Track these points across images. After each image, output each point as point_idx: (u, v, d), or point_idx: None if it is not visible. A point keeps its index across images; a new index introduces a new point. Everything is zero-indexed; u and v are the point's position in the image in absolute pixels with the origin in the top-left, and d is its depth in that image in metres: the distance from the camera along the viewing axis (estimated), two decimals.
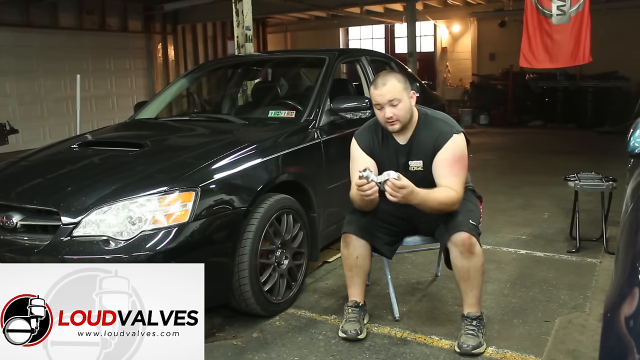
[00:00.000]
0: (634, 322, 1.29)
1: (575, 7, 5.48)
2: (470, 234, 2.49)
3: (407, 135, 2.66)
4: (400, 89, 2.54)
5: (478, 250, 2.51)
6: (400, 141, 2.67)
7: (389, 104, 2.54)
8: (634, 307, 1.32)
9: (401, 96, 2.54)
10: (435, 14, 12.76)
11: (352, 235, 2.66)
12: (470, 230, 2.50)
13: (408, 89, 2.59)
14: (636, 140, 2.44)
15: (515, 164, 7.27)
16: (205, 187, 2.62)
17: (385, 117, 2.56)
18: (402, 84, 2.56)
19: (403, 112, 2.55)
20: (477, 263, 2.52)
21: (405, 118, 2.58)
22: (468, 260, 2.49)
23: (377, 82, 2.58)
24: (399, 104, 2.54)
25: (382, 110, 2.56)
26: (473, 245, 2.49)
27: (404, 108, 2.55)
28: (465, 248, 2.48)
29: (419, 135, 2.64)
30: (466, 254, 2.49)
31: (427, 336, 2.70)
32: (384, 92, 2.54)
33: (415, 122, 2.65)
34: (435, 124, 2.64)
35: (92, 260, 2.39)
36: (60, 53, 9.59)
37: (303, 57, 4.65)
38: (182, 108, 5.52)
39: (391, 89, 2.53)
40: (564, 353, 2.47)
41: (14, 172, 3.13)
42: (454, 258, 2.53)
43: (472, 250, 2.48)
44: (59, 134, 8.44)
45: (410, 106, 2.59)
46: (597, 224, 4.00)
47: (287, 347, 2.64)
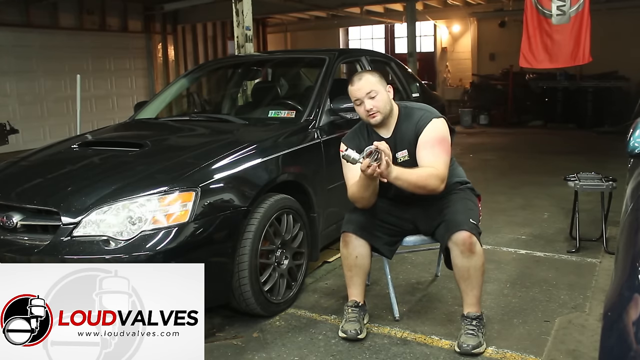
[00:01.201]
0: (634, 322, 1.29)
1: (575, 7, 5.48)
2: (470, 233, 2.49)
3: (390, 129, 2.70)
4: (374, 81, 2.63)
5: (478, 250, 2.51)
6: (384, 135, 2.69)
7: (367, 97, 2.60)
8: (633, 307, 1.32)
9: (377, 88, 2.61)
10: (435, 14, 12.76)
11: (351, 234, 2.66)
12: (471, 229, 2.50)
13: (383, 82, 2.67)
14: (636, 140, 2.44)
15: (515, 164, 7.27)
16: (205, 187, 2.62)
17: (366, 110, 2.61)
18: (376, 78, 2.65)
19: (382, 103, 2.61)
20: (478, 262, 2.52)
21: (385, 109, 2.63)
22: (468, 259, 2.50)
23: (353, 80, 2.67)
24: (376, 96, 2.60)
25: (362, 105, 2.62)
26: (474, 245, 2.49)
27: (382, 99, 2.61)
28: (466, 247, 2.48)
29: (401, 127, 2.69)
30: (467, 253, 2.49)
31: (427, 336, 2.70)
32: (360, 86, 2.62)
33: (396, 115, 2.71)
34: (415, 113, 2.69)
35: (92, 260, 2.39)
36: (60, 53, 9.59)
37: (303, 57, 4.65)
38: (182, 108, 5.52)
39: (366, 83, 2.62)
40: (564, 353, 2.47)
41: (14, 172, 3.13)
42: (454, 257, 2.53)
43: (472, 249, 2.48)
44: (59, 134, 8.45)
45: (388, 98, 2.66)
46: (597, 224, 4.00)
47: (287, 347, 2.64)
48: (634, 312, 1.31)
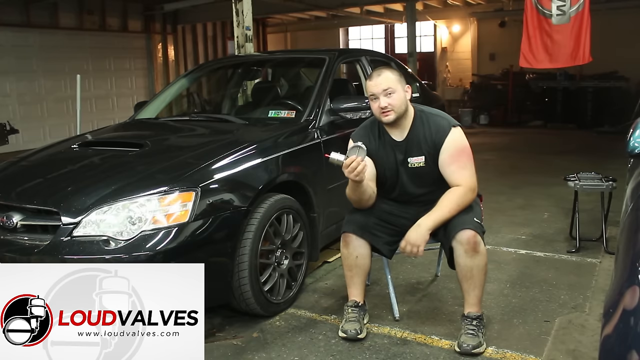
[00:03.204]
0: (634, 321, 1.29)
1: (575, 7, 5.48)
2: (475, 232, 2.49)
3: (404, 132, 2.67)
4: (394, 79, 2.60)
5: (482, 250, 2.51)
6: (396, 138, 2.68)
7: (384, 93, 2.57)
8: (634, 307, 1.32)
9: (395, 86, 2.58)
10: (435, 14, 12.77)
11: (351, 234, 2.66)
12: (476, 228, 2.50)
13: (402, 81, 2.63)
14: (636, 140, 2.44)
15: (515, 164, 7.27)
16: (206, 187, 2.62)
17: (380, 107, 2.59)
18: (395, 75, 2.62)
19: (398, 102, 2.58)
20: (481, 262, 2.52)
21: (400, 109, 2.60)
22: (472, 258, 2.49)
23: (372, 75, 2.66)
24: (393, 94, 2.57)
25: (377, 101, 2.60)
26: (478, 244, 2.49)
27: (398, 98, 2.58)
28: (470, 246, 2.48)
29: (416, 131, 2.65)
30: (470, 253, 2.48)
31: (427, 336, 2.70)
32: (378, 82, 2.59)
33: (412, 118, 2.67)
34: (432, 119, 2.67)
35: (92, 260, 2.39)
36: (60, 53, 9.60)
37: (303, 57, 4.65)
38: (182, 108, 5.51)
39: (385, 79, 2.59)
40: (564, 353, 2.47)
41: (14, 172, 3.13)
42: (458, 256, 2.53)
43: (476, 248, 2.48)
44: (59, 134, 8.45)
45: (404, 98, 2.62)
46: (597, 224, 4.00)
47: (287, 347, 2.64)
48: (635, 311, 1.31)
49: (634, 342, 1.26)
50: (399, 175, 2.70)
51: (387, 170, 2.70)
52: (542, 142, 9.42)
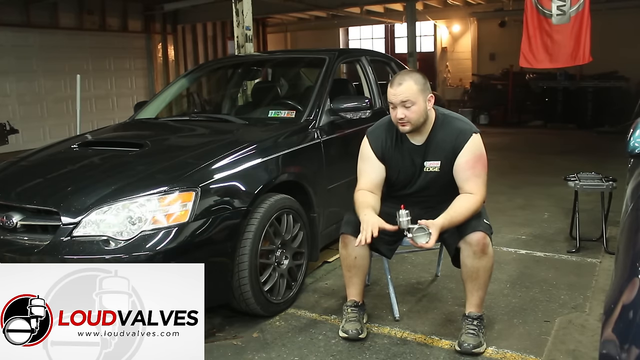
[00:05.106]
0: (634, 315, 1.29)
1: (575, 7, 5.48)
2: (485, 234, 2.48)
3: (424, 137, 2.62)
4: (415, 90, 2.48)
5: (490, 252, 2.51)
6: (415, 142, 2.64)
7: (402, 105, 2.49)
8: (632, 299, 1.32)
9: (415, 98, 2.48)
10: (435, 14, 12.76)
11: (350, 236, 2.64)
12: (486, 230, 2.50)
13: (426, 91, 2.52)
14: (636, 140, 2.44)
15: (515, 164, 7.27)
16: (205, 187, 2.62)
17: (397, 118, 2.53)
18: (419, 85, 2.50)
19: (416, 115, 2.50)
20: (488, 264, 2.51)
21: (417, 121, 2.53)
22: (479, 260, 2.49)
23: (394, 81, 2.53)
24: (412, 107, 2.48)
25: (395, 110, 2.53)
26: (487, 246, 2.48)
27: (417, 111, 2.50)
28: (479, 248, 2.47)
29: (436, 136, 2.61)
30: (479, 254, 2.48)
31: (427, 336, 2.70)
32: (397, 92, 2.49)
33: (432, 122, 2.61)
34: (453, 124, 2.61)
35: (92, 260, 2.39)
36: (60, 53, 9.59)
37: (303, 57, 4.65)
38: (182, 108, 5.52)
39: (405, 90, 2.48)
40: (564, 353, 2.47)
41: (14, 172, 3.13)
42: (465, 257, 2.52)
43: (485, 250, 2.48)
44: (59, 134, 8.45)
45: (424, 110, 2.52)
46: (597, 224, 4.00)
47: (287, 347, 2.64)
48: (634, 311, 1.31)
49: (634, 337, 1.26)
50: (413, 178, 2.68)
51: (401, 173, 2.68)
52: (542, 142, 9.42)
